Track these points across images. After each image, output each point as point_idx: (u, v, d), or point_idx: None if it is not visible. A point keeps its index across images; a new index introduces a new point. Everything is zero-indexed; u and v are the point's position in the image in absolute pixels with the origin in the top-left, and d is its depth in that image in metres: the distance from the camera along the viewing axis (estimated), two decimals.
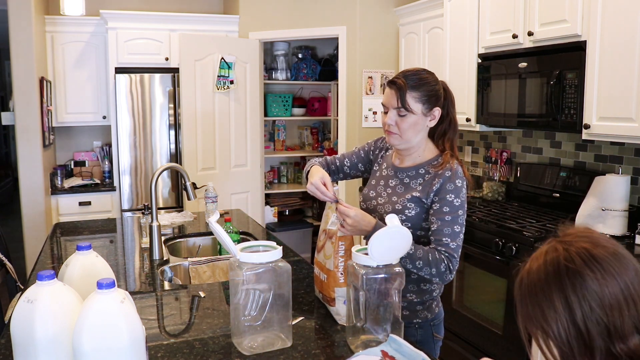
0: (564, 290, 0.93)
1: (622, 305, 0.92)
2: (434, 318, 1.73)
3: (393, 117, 1.63)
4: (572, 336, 0.92)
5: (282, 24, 4.51)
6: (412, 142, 1.67)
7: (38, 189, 4.05)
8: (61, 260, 2.30)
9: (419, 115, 1.62)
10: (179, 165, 2.61)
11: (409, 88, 1.60)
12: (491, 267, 2.83)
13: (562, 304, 0.93)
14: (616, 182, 2.58)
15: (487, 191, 3.52)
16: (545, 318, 0.94)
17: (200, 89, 4.21)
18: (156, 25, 4.43)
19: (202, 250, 2.71)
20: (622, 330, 0.91)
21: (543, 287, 0.95)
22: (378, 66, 4.41)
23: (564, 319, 0.92)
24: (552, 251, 0.98)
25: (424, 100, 1.61)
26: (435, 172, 1.64)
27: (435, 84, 1.65)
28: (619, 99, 2.41)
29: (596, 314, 0.91)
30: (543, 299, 0.95)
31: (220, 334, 1.52)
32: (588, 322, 0.91)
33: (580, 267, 0.93)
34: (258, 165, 4.68)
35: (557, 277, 0.94)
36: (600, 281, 0.92)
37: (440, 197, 1.60)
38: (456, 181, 1.60)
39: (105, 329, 1.08)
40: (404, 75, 1.63)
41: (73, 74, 4.48)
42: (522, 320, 1.00)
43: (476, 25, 3.32)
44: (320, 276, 1.63)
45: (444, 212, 1.59)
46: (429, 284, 1.69)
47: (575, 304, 0.92)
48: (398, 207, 1.66)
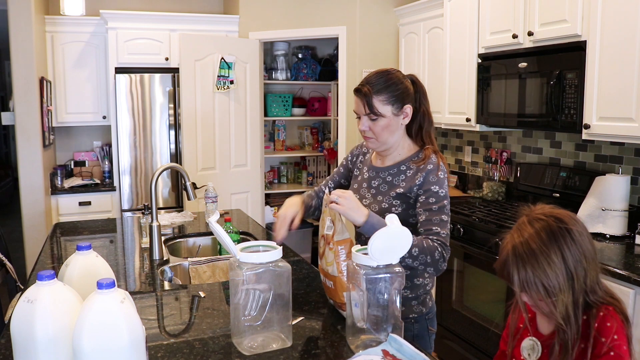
0: (560, 246, 1.16)
1: (594, 258, 1.19)
2: (428, 312, 1.76)
3: (366, 123, 1.67)
4: (565, 281, 1.15)
5: (282, 24, 4.51)
6: (389, 143, 1.70)
7: (38, 189, 4.05)
8: (61, 260, 2.30)
9: (389, 117, 1.64)
10: (179, 165, 2.61)
11: (375, 92, 1.62)
12: (491, 267, 2.82)
13: (558, 258, 1.15)
14: (616, 182, 2.58)
15: (487, 191, 3.52)
16: (546, 274, 1.14)
17: (200, 89, 4.21)
18: (156, 25, 4.43)
19: (202, 250, 2.71)
20: (593, 280, 1.18)
21: (541, 248, 1.15)
22: (378, 66, 4.35)
23: (561, 268, 1.15)
24: (536, 221, 1.20)
25: (392, 101, 1.63)
26: (417, 166, 1.66)
27: (401, 83, 1.65)
28: (619, 99, 2.41)
29: (582, 261, 1.16)
30: (543, 259, 1.15)
31: (220, 334, 1.52)
32: (577, 267, 1.15)
33: (571, 224, 1.18)
34: (258, 165, 4.68)
35: (553, 237, 1.16)
36: (583, 237, 1.18)
37: (425, 189, 1.63)
38: (439, 173, 1.64)
39: (105, 329, 1.07)
40: (367, 81, 1.65)
41: (73, 74, 4.48)
42: (521, 285, 1.18)
43: (476, 25, 3.32)
44: (327, 283, 1.63)
45: (430, 203, 1.61)
46: (421, 279, 1.72)
47: (567, 253, 1.15)
48: (384, 206, 1.68)
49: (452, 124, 3.58)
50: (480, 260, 2.90)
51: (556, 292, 1.15)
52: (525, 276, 1.16)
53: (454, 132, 4.07)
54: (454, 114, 3.53)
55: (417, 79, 1.72)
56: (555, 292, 1.15)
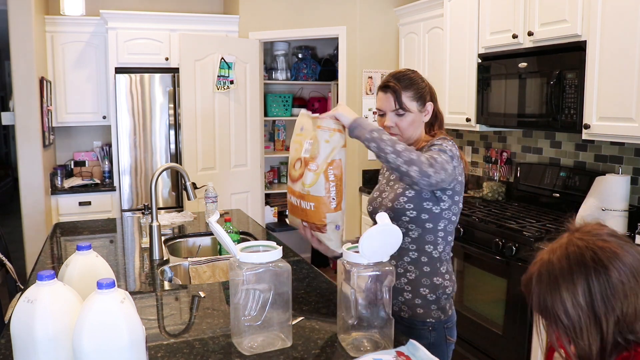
0: (587, 277, 1.01)
1: (631, 292, 1.01)
2: (447, 320, 1.72)
3: (392, 119, 1.71)
4: (589, 322, 1.01)
5: (282, 24, 4.51)
6: (412, 139, 1.75)
7: (38, 189, 4.05)
8: (61, 260, 2.30)
9: (415, 113, 1.72)
10: (179, 165, 2.61)
11: (403, 89, 1.70)
12: (491, 267, 2.83)
13: (583, 290, 1.01)
14: (616, 182, 2.58)
15: (487, 191, 3.52)
16: (565, 307, 1.01)
17: (200, 89, 4.21)
18: (156, 25, 4.43)
19: (202, 250, 2.71)
20: (632, 317, 1.01)
21: (565, 274, 1.02)
22: (378, 66, 4.41)
23: (583, 303, 1.00)
24: (571, 245, 1.05)
25: (417, 97, 1.71)
26: (427, 144, 1.70)
27: (422, 81, 1.75)
28: (619, 99, 2.41)
29: (611, 302, 1.00)
30: (564, 286, 1.02)
31: (220, 334, 1.52)
32: (605, 307, 1.00)
33: (612, 260, 1.01)
34: (258, 165, 4.68)
35: (581, 266, 1.02)
36: (623, 271, 1.01)
37: (430, 149, 1.63)
38: (443, 143, 1.64)
39: (105, 329, 1.08)
40: (395, 77, 1.72)
41: (73, 74, 4.48)
42: (539, 308, 1.06)
43: (476, 25, 3.32)
44: (302, 205, 1.59)
45: (432, 151, 1.60)
46: (440, 279, 1.69)
47: (595, 290, 1.00)
48: (399, 191, 1.69)
49: (452, 124, 3.58)
50: (480, 260, 2.90)
51: (577, 332, 1.01)
52: (544, 302, 1.04)
53: (454, 132, 4.07)
54: (454, 114, 3.53)
55: (428, 81, 1.80)
56: (575, 332, 1.01)
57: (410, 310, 1.69)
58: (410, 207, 1.65)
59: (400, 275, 1.70)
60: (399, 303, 1.71)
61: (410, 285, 1.69)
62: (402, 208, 1.66)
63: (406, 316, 1.70)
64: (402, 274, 1.70)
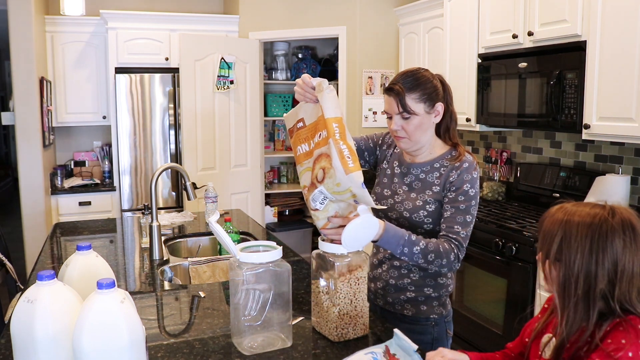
0: (595, 239, 1.08)
1: (632, 276, 1.08)
2: (447, 315, 1.76)
3: (398, 122, 1.64)
4: (582, 276, 1.09)
5: (282, 24, 4.51)
6: (421, 142, 1.67)
7: (38, 189, 4.05)
8: (61, 260, 2.30)
9: (422, 115, 1.63)
10: (179, 165, 2.61)
11: (407, 91, 1.61)
12: (491, 267, 2.83)
13: (588, 249, 1.08)
14: (616, 182, 2.58)
15: (487, 191, 3.52)
16: (569, 250, 1.10)
17: (200, 89, 4.21)
18: (156, 25, 4.43)
19: (202, 250, 2.71)
20: (625, 295, 1.08)
21: (579, 228, 1.10)
22: (378, 66, 4.41)
23: (585, 259, 1.08)
24: (599, 207, 1.12)
25: (424, 99, 1.62)
26: (452, 164, 1.65)
27: (432, 81, 1.65)
28: (619, 99, 2.41)
29: (610, 270, 1.07)
30: (575, 238, 1.10)
31: (220, 334, 1.52)
32: (600, 271, 1.08)
33: (617, 226, 1.08)
34: (258, 165, 4.68)
35: (594, 227, 1.09)
36: (625, 246, 1.08)
37: (457, 186, 1.62)
38: (473, 173, 1.63)
39: (105, 329, 1.08)
40: (398, 79, 1.64)
41: (73, 74, 4.48)
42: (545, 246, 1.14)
43: (476, 25, 3.32)
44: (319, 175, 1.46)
45: (459, 201, 1.61)
46: (444, 278, 1.72)
47: (597, 253, 1.08)
48: (419, 204, 1.66)
49: None
50: (481, 261, 2.90)
51: (568, 276, 1.09)
52: (552, 240, 1.12)
53: None
54: None
55: (445, 80, 1.72)
56: (567, 275, 1.10)
57: (414, 308, 1.71)
58: (429, 222, 1.65)
59: (404, 275, 1.70)
60: (402, 302, 1.71)
61: (415, 285, 1.70)
62: (421, 222, 1.66)
63: (409, 314, 1.71)
64: (405, 274, 1.70)
